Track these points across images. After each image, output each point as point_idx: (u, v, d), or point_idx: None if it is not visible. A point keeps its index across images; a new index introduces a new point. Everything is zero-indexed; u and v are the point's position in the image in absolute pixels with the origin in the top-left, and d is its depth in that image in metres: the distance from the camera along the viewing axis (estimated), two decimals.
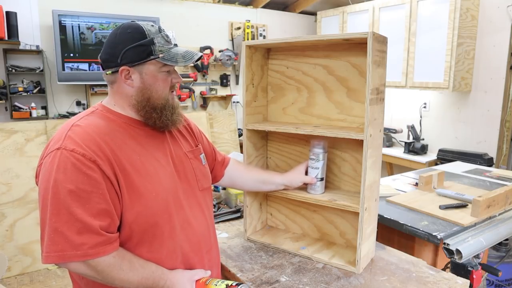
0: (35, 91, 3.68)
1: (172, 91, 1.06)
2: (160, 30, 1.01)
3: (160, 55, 0.98)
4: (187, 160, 1.12)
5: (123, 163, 0.94)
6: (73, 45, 3.75)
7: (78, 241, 0.85)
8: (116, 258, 0.91)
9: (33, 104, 3.68)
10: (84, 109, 4.01)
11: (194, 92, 4.49)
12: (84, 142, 0.90)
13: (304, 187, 1.39)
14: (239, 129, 4.48)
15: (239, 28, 4.79)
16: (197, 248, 1.08)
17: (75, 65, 3.78)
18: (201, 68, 4.51)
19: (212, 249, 1.15)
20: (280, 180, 1.37)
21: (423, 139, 3.85)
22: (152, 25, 1.01)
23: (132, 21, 1.02)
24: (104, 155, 0.91)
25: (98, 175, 0.89)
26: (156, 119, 1.02)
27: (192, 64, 4.39)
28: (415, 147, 3.76)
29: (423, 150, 3.74)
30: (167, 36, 1.02)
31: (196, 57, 1.03)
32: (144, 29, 0.99)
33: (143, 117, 1.02)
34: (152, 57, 0.98)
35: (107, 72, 1.01)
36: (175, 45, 1.04)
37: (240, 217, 1.69)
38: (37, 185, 0.95)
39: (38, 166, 0.96)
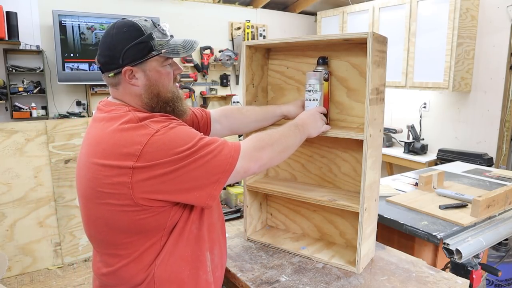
0: (35, 91, 3.68)
1: (175, 83, 1.07)
2: (155, 24, 1.00)
3: (162, 50, 0.97)
4: None
5: None
6: (73, 45, 3.76)
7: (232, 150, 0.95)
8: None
9: (33, 104, 3.68)
10: (84, 109, 4.01)
11: (194, 92, 4.49)
12: (168, 120, 0.95)
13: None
14: None
15: (239, 28, 4.79)
16: (221, 223, 1.16)
17: (75, 65, 3.78)
18: (201, 68, 4.52)
19: (224, 226, 1.21)
20: (279, 112, 1.36)
21: (423, 139, 3.85)
22: (146, 20, 0.99)
23: (122, 18, 1.00)
24: None
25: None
26: (171, 112, 1.02)
27: (193, 64, 4.41)
28: (415, 147, 3.76)
29: (423, 150, 3.74)
30: (163, 29, 1.00)
31: (196, 45, 1.04)
32: (140, 25, 0.96)
33: (159, 112, 1.01)
34: (154, 53, 0.96)
35: (109, 75, 0.98)
36: (172, 36, 1.03)
37: (240, 217, 1.69)
38: (128, 183, 0.88)
39: (128, 155, 0.87)
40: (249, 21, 4.83)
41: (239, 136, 1.91)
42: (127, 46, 0.95)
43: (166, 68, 1.01)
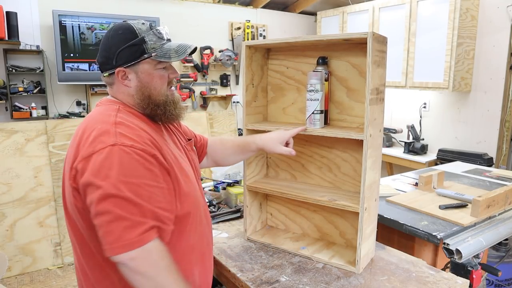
0: (35, 91, 3.68)
1: (171, 87, 1.07)
2: (151, 27, 1.02)
3: (153, 54, 0.99)
4: (188, 152, 1.15)
5: (167, 158, 0.96)
6: (73, 45, 3.75)
7: (137, 232, 0.83)
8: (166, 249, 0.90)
9: (33, 104, 3.68)
10: (84, 109, 4.01)
11: (194, 92, 4.49)
12: (138, 137, 0.91)
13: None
14: (239, 129, 4.48)
15: (239, 28, 4.79)
16: (207, 241, 1.12)
17: (75, 65, 3.78)
18: (201, 68, 4.51)
19: (211, 242, 1.17)
20: (255, 147, 1.31)
21: (423, 139, 3.85)
22: (143, 23, 1.02)
23: (124, 21, 1.03)
24: (157, 149, 0.94)
25: (157, 170, 0.90)
26: (161, 115, 1.03)
27: (193, 64, 4.41)
28: (415, 147, 3.76)
29: (423, 150, 3.74)
30: (159, 32, 1.01)
31: (190, 50, 1.03)
32: (135, 28, 0.99)
33: (150, 114, 1.03)
34: (145, 55, 0.98)
35: (105, 75, 1.02)
36: (169, 40, 1.04)
37: (240, 217, 1.69)
38: (75, 188, 0.90)
39: (72, 169, 0.90)
40: (249, 21, 4.82)
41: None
42: (120, 48, 0.98)
43: (159, 71, 1.02)
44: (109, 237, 0.83)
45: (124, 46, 0.98)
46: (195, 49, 1.07)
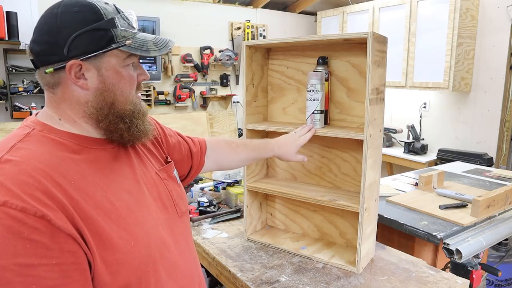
0: (35, 91, 3.67)
1: (139, 92, 0.80)
2: (118, 10, 0.75)
3: (127, 42, 0.72)
4: (160, 181, 0.87)
5: (84, 209, 0.65)
6: None
7: None
8: None
9: (33, 104, 3.68)
10: None
11: (194, 92, 4.49)
12: (21, 187, 0.59)
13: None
14: (239, 129, 4.48)
15: (239, 28, 4.79)
16: None
17: None
18: (201, 68, 4.51)
19: (201, 283, 0.93)
20: (271, 155, 1.26)
21: (423, 139, 3.85)
22: (106, 3, 0.75)
23: None
24: (57, 203, 0.61)
25: (47, 239, 0.58)
26: (124, 131, 0.75)
27: (193, 64, 4.41)
28: (415, 147, 3.76)
29: (423, 150, 3.74)
30: (127, 18, 0.75)
31: (171, 44, 0.79)
32: (98, 7, 0.71)
33: (106, 130, 0.74)
34: (114, 45, 0.71)
35: (47, 70, 0.69)
36: (140, 30, 0.79)
37: (240, 217, 1.69)
38: None
39: None
40: (249, 21, 4.82)
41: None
42: (77, 31, 0.68)
43: (128, 70, 0.75)
44: None
45: (83, 30, 0.68)
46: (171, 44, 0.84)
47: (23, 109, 3.65)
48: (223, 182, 1.93)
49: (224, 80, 4.74)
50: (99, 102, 0.72)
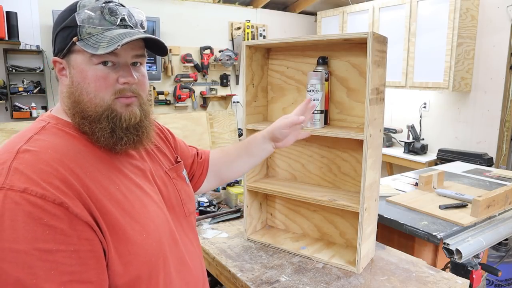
0: (35, 91, 3.67)
1: (119, 97, 0.72)
2: (105, 3, 0.73)
3: (74, 39, 0.70)
4: (170, 181, 0.88)
5: (100, 199, 0.66)
6: None
7: None
8: None
9: (33, 104, 3.67)
10: None
11: (194, 92, 4.49)
12: (41, 175, 0.61)
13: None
14: (239, 129, 4.48)
15: (239, 28, 4.79)
16: None
17: None
18: (201, 68, 4.51)
19: (205, 283, 0.95)
20: (260, 137, 1.14)
21: (423, 139, 3.85)
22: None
23: None
24: (74, 191, 0.63)
25: (66, 226, 0.60)
26: (108, 138, 0.72)
27: (193, 64, 4.41)
28: (415, 147, 3.76)
29: (423, 150, 3.74)
30: (111, 11, 0.72)
31: (128, 40, 0.68)
32: (79, 4, 0.72)
33: (88, 132, 0.72)
34: (70, 42, 0.71)
35: (53, 68, 0.77)
36: (125, 26, 0.73)
37: (240, 217, 1.69)
38: None
39: None
40: (249, 21, 4.82)
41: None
42: (57, 30, 0.74)
43: (96, 70, 0.70)
44: None
45: (59, 28, 0.73)
46: (165, 47, 0.78)
47: (23, 109, 3.65)
48: None
49: (224, 80, 4.74)
50: (69, 99, 0.73)
